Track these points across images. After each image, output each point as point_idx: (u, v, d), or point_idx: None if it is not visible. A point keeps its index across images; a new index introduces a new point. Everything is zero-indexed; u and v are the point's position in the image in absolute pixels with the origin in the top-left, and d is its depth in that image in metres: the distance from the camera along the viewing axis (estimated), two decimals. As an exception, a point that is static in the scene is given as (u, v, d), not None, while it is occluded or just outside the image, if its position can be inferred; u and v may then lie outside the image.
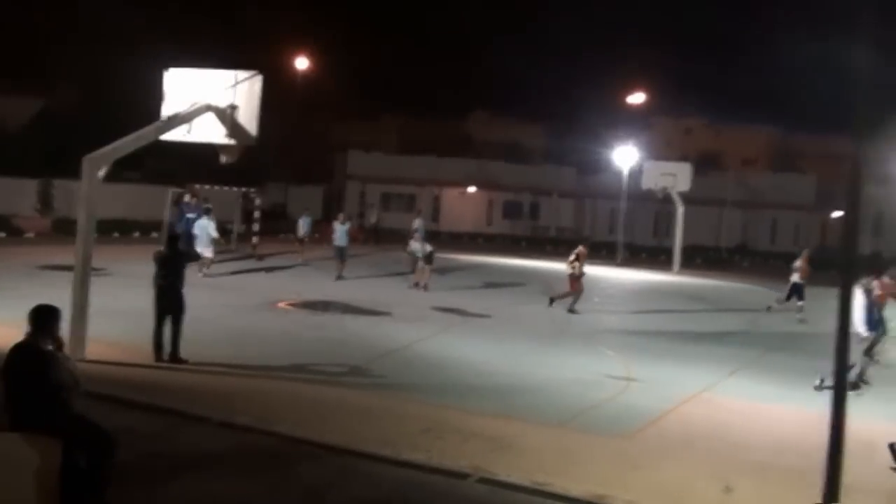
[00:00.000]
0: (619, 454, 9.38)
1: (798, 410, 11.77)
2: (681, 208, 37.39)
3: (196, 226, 22.59)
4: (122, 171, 25.26)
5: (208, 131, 13.15)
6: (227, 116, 12.99)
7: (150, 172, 39.50)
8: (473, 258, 35.95)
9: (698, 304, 25.01)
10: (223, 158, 13.85)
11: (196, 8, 47.69)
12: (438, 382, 12.40)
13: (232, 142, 13.14)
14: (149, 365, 11.95)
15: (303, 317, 17.99)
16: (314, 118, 54.34)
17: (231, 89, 13.04)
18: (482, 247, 42.00)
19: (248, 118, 13.01)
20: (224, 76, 13.19)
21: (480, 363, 13.89)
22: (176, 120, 12.89)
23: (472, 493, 7.98)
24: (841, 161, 7.66)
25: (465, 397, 11.55)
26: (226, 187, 32.21)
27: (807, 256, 21.95)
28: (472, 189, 55.79)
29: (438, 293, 22.47)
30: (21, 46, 42.61)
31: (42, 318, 6.65)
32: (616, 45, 78.70)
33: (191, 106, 12.94)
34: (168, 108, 13.11)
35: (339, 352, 14.10)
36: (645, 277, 33.04)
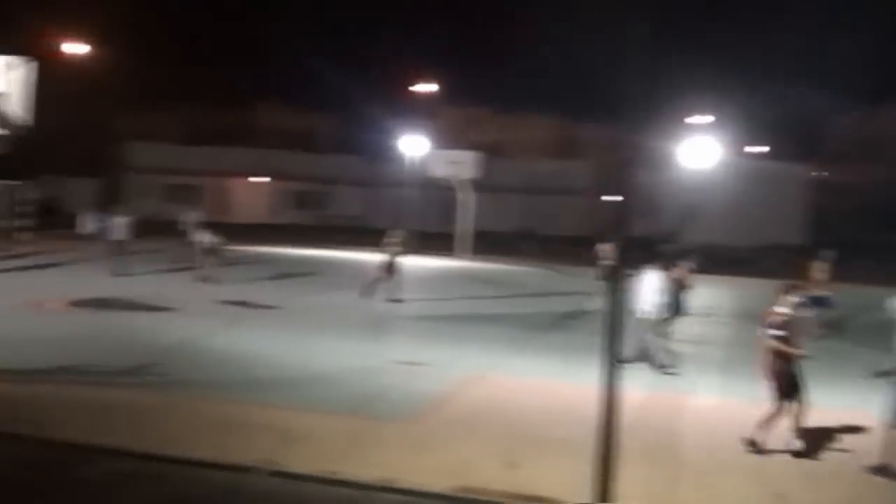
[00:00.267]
0: (408, 438, 9.59)
1: (577, 385, 12.39)
2: (469, 195, 38.42)
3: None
4: None
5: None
6: (-5, 105, 12.22)
7: None
8: (263, 249, 35.45)
9: (487, 288, 25.86)
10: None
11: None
12: (228, 377, 12.19)
13: (3, 131, 12.38)
14: None
15: (82, 316, 17.13)
16: (96, 109, 51.55)
17: (1, 76, 12.26)
18: (272, 237, 41.39)
19: (22, 106, 12.27)
20: (-7, 62, 12.39)
21: (271, 356, 13.77)
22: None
23: (262, 486, 7.95)
24: (617, 148, 8.15)
25: (255, 391, 11.43)
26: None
27: (614, 241, 22.56)
28: (261, 179, 54.89)
29: (227, 286, 22.01)
30: None
31: None
32: (404, 35, 79.52)
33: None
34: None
35: (122, 351, 13.53)
36: (435, 264, 33.70)
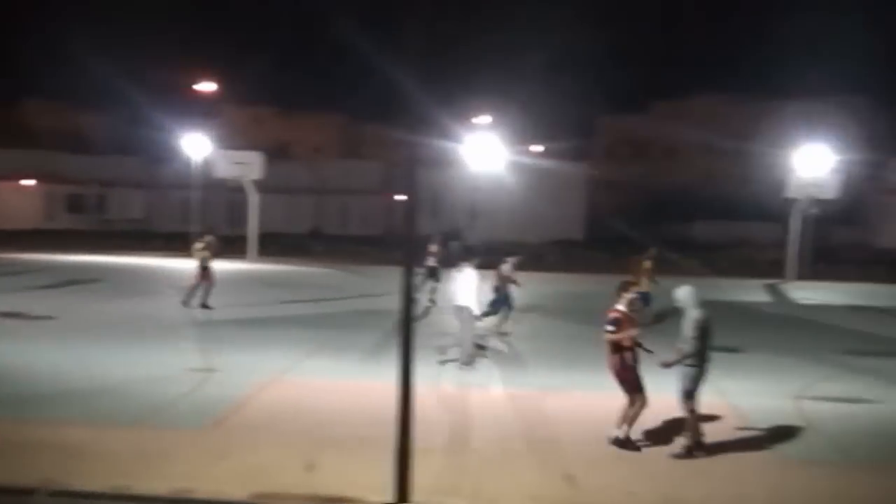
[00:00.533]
0: (203, 446, 9.25)
1: (371, 383, 12.42)
2: (254, 196, 37.68)
3: None
4: None
5: None
6: None
7: None
8: (35, 257, 33.31)
9: (277, 290, 25.45)
10: None
11: None
12: (3, 394, 11.30)
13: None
14: None
15: None
16: None
17: None
18: (46, 244, 38.89)
19: None
20: None
21: (50, 369, 12.90)
22: None
23: (44, 508, 7.42)
24: (401, 147, 8.18)
25: (34, 407, 10.67)
26: None
27: (440, 241, 22.48)
28: (28, 182, 51.42)
29: (-5, 297, 20.47)
30: None
31: None
32: (183, 32, 76.98)
33: None
34: None
35: None
36: (222, 267, 32.74)
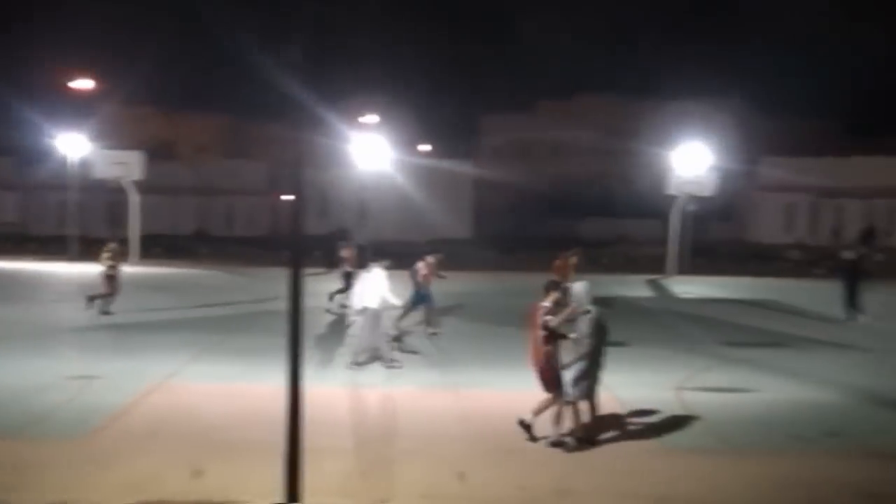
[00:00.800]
0: (84, 456, 8.91)
1: (260, 387, 12.17)
2: (135, 197, 36.58)
3: None
4: None
5: None
6: None
7: None
8: None
9: (161, 294, 24.70)
10: None
11: None
12: None
13: None
14: None
15: None
16: None
17: None
18: None
19: None
20: None
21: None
22: None
23: None
24: (287, 147, 8.06)
25: None
26: None
27: (351, 245, 21.79)
28: None
29: None
30: None
31: None
32: (59, 27, 74.08)
33: None
34: None
35: None
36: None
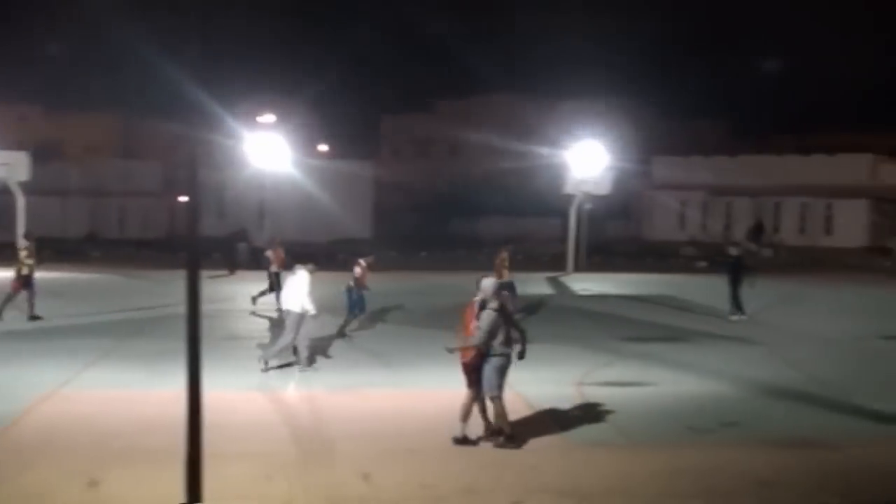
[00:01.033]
0: (-30, 470, 8.54)
1: (160, 392, 11.89)
2: (21, 199, 35.26)
3: None
4: None
5: None
6: None
7: None
8: None
9: (51, 299, 23.80)
10: None
11: None
12: None
13: None
14: None
15: None
16: None
17: None
18: None
19: None
20: None
21: None
22: None
23: None
24: (181, 147, 7.91)
25: None
26: None
27: (278, 246, 21.45)
28: None
29: None
30: None
31: None
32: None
33: None
34: None
35: None
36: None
